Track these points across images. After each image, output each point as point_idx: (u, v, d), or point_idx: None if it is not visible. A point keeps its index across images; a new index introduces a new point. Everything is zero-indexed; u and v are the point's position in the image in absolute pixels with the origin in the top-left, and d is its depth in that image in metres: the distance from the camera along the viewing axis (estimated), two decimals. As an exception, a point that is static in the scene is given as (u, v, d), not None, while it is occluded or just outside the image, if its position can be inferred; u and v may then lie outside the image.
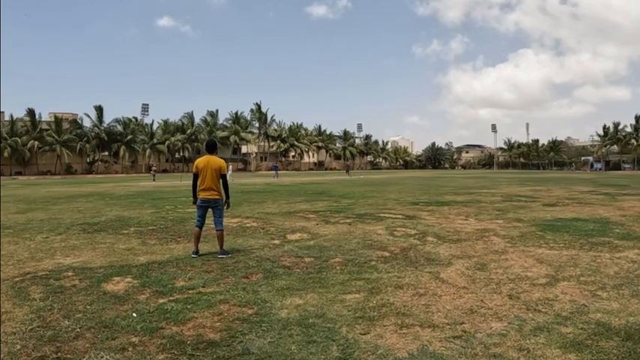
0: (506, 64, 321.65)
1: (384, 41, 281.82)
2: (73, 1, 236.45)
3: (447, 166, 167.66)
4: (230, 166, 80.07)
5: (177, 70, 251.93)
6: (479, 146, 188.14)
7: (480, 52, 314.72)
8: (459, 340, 4.96)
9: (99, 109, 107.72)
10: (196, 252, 9.69)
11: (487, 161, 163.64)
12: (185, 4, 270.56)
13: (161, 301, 6.56)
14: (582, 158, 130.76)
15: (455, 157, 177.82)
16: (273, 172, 75.04)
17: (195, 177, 9.73)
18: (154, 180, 59.44)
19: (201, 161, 9.77)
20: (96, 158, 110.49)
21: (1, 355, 4.79)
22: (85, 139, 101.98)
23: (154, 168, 71.86)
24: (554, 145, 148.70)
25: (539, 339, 4.95)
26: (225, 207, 9.92)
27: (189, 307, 6.23)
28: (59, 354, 4.84)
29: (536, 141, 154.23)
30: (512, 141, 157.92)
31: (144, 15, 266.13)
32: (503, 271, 7.98)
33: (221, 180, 9.84)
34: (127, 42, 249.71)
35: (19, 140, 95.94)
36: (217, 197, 9.73)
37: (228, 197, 10.02)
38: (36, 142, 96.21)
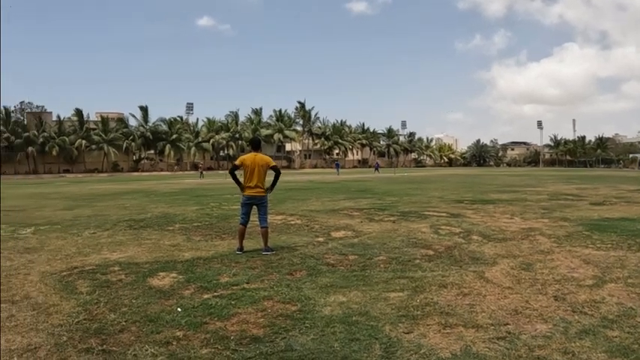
0: (550, 58, 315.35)
1: (424, 37, 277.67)
2: (110, 3, 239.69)
3: (491, 163, 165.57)
4: (377, 162, 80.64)
5: (218, 69, 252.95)
6: (524, 143, 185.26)
7: (523, 47, 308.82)
8: (502, 341, 4.90)
9: (144, 109, 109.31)
10: (241, 249, 9.77)
11: (533, 159, 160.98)
12: (223, 3, 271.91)
13: (205, 296, 6.63)
14: (630, 156, 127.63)
15: (500, 154, 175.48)
16: (335, 169, 75.22)
17: (235, 167, 9.97)
18: (201, 177, 60.14)
19: (247, 158, 9.85)
20: (142, 156, 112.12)
21: None
22: (131, 137, 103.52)
23: (201, 165, 72.75)
24: (601, 142, 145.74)
25: (584, 342, 4.86)
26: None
27: (233, 302, 6.28)
28: (105, 346, 4.93)
29: (583, 138, 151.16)
30: (559, 138, 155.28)
31: (183, 15, 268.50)
32: (549, 271, 7.86)
33: (272, 173, 10.21)
34: (168, 42, 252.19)
35: (66, 139, 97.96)
36: (263, 194, 9.82)
37: (272, 188, 10.16)
38: (83, 141, 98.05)
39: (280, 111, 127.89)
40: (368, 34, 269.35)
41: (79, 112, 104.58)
